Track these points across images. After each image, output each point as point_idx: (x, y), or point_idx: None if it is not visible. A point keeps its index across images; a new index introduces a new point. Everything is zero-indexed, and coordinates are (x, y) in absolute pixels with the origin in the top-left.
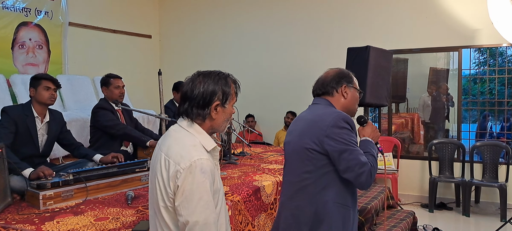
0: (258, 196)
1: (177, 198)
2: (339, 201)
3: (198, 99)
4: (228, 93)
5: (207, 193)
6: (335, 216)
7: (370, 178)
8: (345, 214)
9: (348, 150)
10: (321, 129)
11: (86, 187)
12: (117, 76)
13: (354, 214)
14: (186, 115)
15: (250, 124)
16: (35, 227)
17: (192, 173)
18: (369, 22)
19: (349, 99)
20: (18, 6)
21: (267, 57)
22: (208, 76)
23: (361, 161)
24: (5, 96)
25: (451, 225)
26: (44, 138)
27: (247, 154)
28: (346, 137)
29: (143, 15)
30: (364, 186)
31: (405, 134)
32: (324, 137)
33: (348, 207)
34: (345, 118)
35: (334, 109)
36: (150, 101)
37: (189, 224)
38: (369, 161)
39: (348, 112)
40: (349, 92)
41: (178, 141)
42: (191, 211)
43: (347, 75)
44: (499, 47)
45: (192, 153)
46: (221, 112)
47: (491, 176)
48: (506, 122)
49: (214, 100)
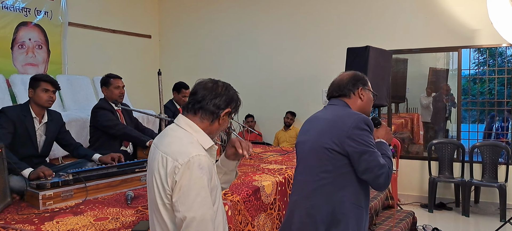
0: (257, 196)
1: (175, 194)
2: (355, 201)
3: (220, 97)
4: (237, 108)
5: (204, 189)
6: (351, 216)
7: (388, 179)
8: (360, 214)
9: (368, 151)
10: (342, 129)
11: (85, 187)
12: (117, 77)
13: (366, 215)
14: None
15: (250, 124)
16: (35, 227)
17: (190, 169)
18: (368, 23)
19: (366, 101)
20: (17, 6)
21: (267, 57)
22: (230, 86)
23: (380, 163)
24: (4, 96)
25: (451, 225)
26: (42, 139)
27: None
28: (366, 139)
29: (143, 15)
30: (382, 187)
31: (405, 134)
32: (346, 138)
33: (362, 208)
34: (366, 120)
35: (353, 111)
36: (150, 101)
37: (186, 220)
38: (387, 163)
39: (364, 114)
40: (365, 94)
41: (175, 139)
42: (188, 206)
43: (362, 78)
44: (498, 47)
45: (190, 149)
46: (224, 121)
47: (490, 176)
48: (506, 122)
49: (229, 106)
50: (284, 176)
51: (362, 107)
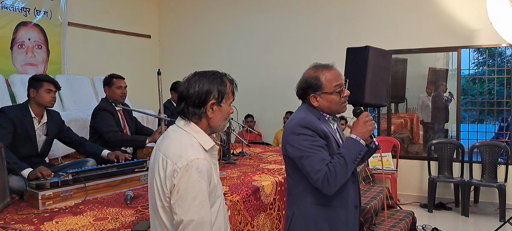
0: (257, 196)
1: (173, 197)
2: (320, 202)
3: (194, 98)
4: (224, 92)
5: (202, 193)
6: (320, 222)
7: (327, 183)
8: (331, 214)
9: (303, 156)
10: (285, 135)
11: (85, 187)
12: (120, 77)
13: (347, 213)
14: (183, 115)
15: (250, 124)
16: (34, 227)
17: (188, 172)
18: (368, 23)
19: (323, 102)
20: (17, 6)
21: (266, 57)
22: (204, 76)
23: (314, 168)
24: (4, 96)
25: (450, 225)
26: (41, 138)
27: (246, 154)
28: (303, 143)
29: (142, 15)
30: (325, 191)
31: (404, 134)
32: (286, 144)
33: (334, 207)
34: (304, 123)
35: (297, 115)
36: (149, 101)
37: (184, 223)
38: (330, 165)
39: (332, 113)
40: (319, 98)
41: (175, 141)
42: (186, 209)
43: (312, 86)
44: (498, 48)
45: (189, 153)
46: (218, 111)
47: (490, 176)
48: (505, 122)
49: (209, 99)
50: (283, 176)
51: (325, 109)
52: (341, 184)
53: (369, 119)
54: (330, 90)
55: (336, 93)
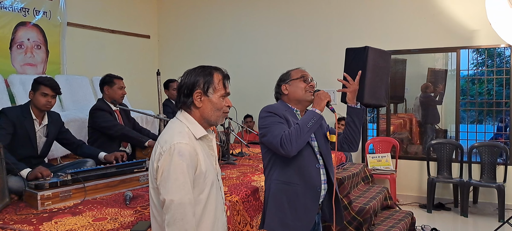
0: (256, 196)
1: (158, 178)
2: (282, 179)
3: (183, 89)
4: (210, 82)
5: (183, 175)
6: (278, 194)
7: (284, 144)
8: (291, 191)
9: (267, 131)
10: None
11: (84, 187)
12: (120, 77)
13: (306, 191)
14: (177, 105)
15: (249, 124)
16: (33, 227)
17: (170, 155)
18: (367, 23)
19: (291, 89)
20: (16, 6)
21: (266, 57)
22: (194, 69)
23: (274, 135)
24: (3, 96)
25: (449, 225)
26: (42, 140)
27: (245, 154)
28: (266, 122)
29: (142, 15)
30: (286, 153)
31: (404, 134)
32: (258, 130)
33: (294, 184)
34: (268, 108)
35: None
36: (148, 101)
37: (166, 202)
38: (286, 131)
39: (299, 101)
40: (288, 86)
41: (169, 129)
42: (167, 190)
43: (283, 78)
44: (497, 48)
45: (174, 138)
46: (207, 101)
47: (489, 177)
48: (504, 123)
49: (195, 90)
50: None
51: (293, 95)
52: (299, 146)
53: (322, 92)
54: (296, 77)
55: (301, 79)
